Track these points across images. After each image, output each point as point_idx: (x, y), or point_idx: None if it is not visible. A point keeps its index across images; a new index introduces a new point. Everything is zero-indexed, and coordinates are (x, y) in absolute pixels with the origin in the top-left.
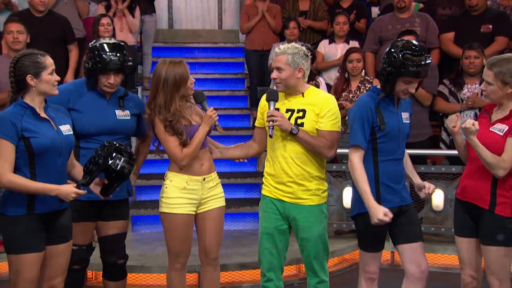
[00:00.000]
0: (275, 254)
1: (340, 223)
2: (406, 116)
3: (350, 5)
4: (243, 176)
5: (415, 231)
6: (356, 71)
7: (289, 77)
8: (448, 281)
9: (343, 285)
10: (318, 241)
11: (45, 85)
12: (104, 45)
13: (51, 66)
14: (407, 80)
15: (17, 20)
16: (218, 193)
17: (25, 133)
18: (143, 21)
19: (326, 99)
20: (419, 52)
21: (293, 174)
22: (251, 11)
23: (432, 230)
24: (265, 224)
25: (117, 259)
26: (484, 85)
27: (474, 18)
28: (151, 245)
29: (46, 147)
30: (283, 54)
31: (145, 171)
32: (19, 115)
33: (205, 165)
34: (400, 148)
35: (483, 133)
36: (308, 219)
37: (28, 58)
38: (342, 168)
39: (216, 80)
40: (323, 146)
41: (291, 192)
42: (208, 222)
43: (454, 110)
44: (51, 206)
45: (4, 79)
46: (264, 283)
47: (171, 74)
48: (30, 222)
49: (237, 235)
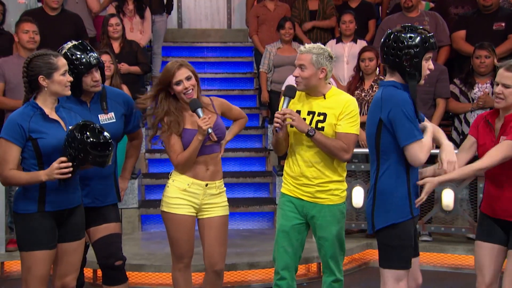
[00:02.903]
0: (291, 253)
1: (350, 222)
2: None
3: (358, 5)
4: (252, 176)
5: (416, 245)
6: (369, 70)
7: (311, 76)
8: (458, 281)
9: (352, 285)
10: (335, 240)
11: (57, 86)
12: (72, 48)
13: (64, 67)
14: (428, 57)
15: (32, 21)
16: (221, 202)
17: (33, 134)
18: (153, 21)
19: (347, 101)
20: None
21: (313, 177)
22: (260, 12)
23: (442, 230)
24: (282, 222)
25: (115, 261)
26: (500, 88)
27: (486, 16)
28: (160, 244)
29: (53, 148)
30: (307, 52)
31: (154, 170)
32: (28, 116)
33: (210, 171)
34: None
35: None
36: (326, 218)
37: (40, 58)
38: (351, 167)
39: (225, 79)
40: (339, 149)
41: (310, 192)
42: (210, 231)
43: (464, 110)
44: (62, 204)
45: (14, 80)
46: (277, 281)
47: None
48: (41, 219)
49: (246, 234)
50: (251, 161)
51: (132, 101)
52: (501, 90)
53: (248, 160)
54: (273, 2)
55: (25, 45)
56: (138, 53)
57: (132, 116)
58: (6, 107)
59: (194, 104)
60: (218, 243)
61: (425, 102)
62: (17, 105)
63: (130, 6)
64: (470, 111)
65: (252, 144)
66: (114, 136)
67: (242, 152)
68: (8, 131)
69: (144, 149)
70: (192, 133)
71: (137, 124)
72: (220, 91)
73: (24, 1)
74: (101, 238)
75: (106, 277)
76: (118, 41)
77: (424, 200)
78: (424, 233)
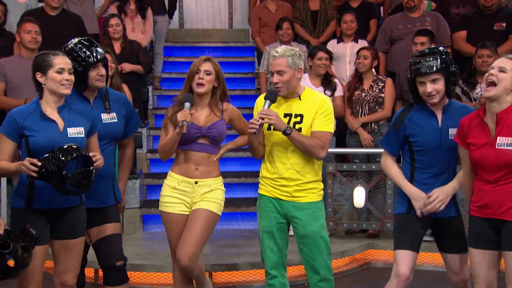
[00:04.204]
0: (277, 252)
1: (351, 222)
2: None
3: (359, 4)
4: (254, 176)
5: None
6: (362, 68)
7: (291, 79)
8: None
9: (353, 285)
10: (316, 237)
11: (51, 83)
12: (78, 43)
13: (59, 65)
14: (419, 81)
15: (34, 21)
16: (210, 197)
17: (26, 131)
18: (155, 21)
19: (322, 101)
20: (424, 51)
21: (291, 179)
22: (262, 13)
23: None
24: (265, 223)
25: (116, 261)
26: (495, 71)
27: (487, 16)
28: (162, 244)
29: (42, 147)
30: (282, 57)
31: (155, 170)
32: (26, 113)
33: (200, 170)
34: (439, 163)
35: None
36: (306, 216)
37: (40, 57)
38: (353, 167)
39: (226, 79)
40: (315, 146)
41: (288, 191)
42: (189, 221)
43: None
44: (52, 203)
45: (15, 80)
46: (269, 280)
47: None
48: (29, 216)
49: (248, 234)
50: (252, 161)
51: (131, 104)
52: (495, 72)
53: (249, 160)
54: (274, 3)
55: (27, 45)
56: (139, 53)
57: (131, 119)
58: (8, 107)
59: (186, 97)
60: (191, 235)
61: None
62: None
63: (132, 6)
64: None
65: None
66: (115, 136)
67: (244, 152)
68: (5, 125)
69: (146, 149)
70: (192, 126)
71: (134, 129)
72: None
73: (24, 1)
74: (101, 239)
75: (107, 277)
76: (119, 41)
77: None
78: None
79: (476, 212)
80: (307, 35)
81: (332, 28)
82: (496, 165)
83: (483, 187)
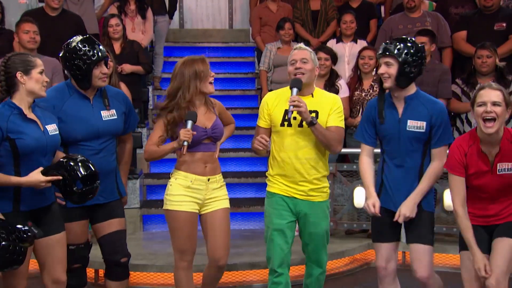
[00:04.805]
0: (285, 250)
1: (351, 222)
2: (415, 124)
3: (359, 5)
4: (254, 176)
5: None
6: (367, 68)
7: (312, 70)
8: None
9: (353, 285)
10: (324, 235)
11: (34, 84)
12: (81, 42)
13: (41, 66)
14: (379, 63)
15: (32, 21)
16: (222, 195)
17: (11, 135)
18: (155, 21)
19: (335, 98)
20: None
21: (307, 174)
22: (263, 13)
23: (444, 231)
24: (276, 221)
25: (121, 257)
26: (491, 107)
27: (488, 17)
28: (162, 244)
29: (31, 148)
30: (306, 50)
31: (155, 170)
32: (6, 116)
33: (209, 167)
34: (402, 155)
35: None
36: (318, 215)
37: (18, 56)
38: (353, 167)
39: (226, 79)
40: (335, 139)
41: (303, 190)
42: (214, 223)
43: (466, 110)
44: (36, 203)
45: None
46: (275, 278)
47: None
48: (16, 219)
49: (248, 234)
50: (253, 161)
51: (129, 100)
52: (491, 108)
53: (249, 160)
54: (275, 3)
55: (25, 45)
56: (139, 54)
57: (130, 116)
58: None
59: (191, 116)
60: (223, 235)
61: None
62: None
63: (132, 6)
64: None
65: None
66: (115, 133)
67: (244, 152)
68: None
69: None
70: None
71: (133, 125)
72: (221, 91)
73: (25, 1)
74: (106, 235)
75: (110, 272)
76: (119, 41)
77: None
78: None
79: (477, 222)
80: (307, 34)
81: (332, 29)
82: (497, 188)
83: (485, 201)
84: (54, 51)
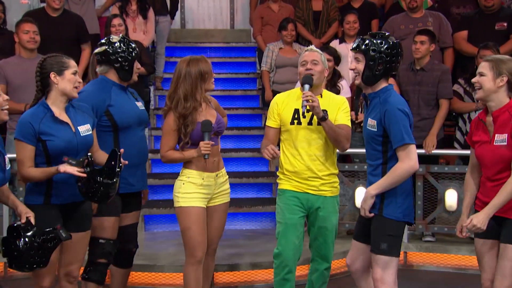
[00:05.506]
0: (297, 245)
1: (353, 223)
2: (370, 123)
3: (361, 5)
4: (255, 176)
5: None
6: None
7: (321, 72)
8: (461, 282)
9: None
10: (333, 229)
11: (67, 84)
12: (124, 38)
13: (75, 67)
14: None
15: (32, 21)
16: (226, 189)
17: (42, 136)
18: (157, 22)
19: (342, 98)
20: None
21: (317, 170)
22: (264, 13)
23: (445, 231)
24: (289, 216)
25: (133, 247)
26: (477, 78)
27: (488, 16)
28: (164, 244)
29: (61, 150)
30: (316, 51)
31: (158, 170)
32: (39, 118)
33: (216, 161)
34: (368, 155)
35: (489, 150)
36: (329, 209)
37: (53, 58)
38: (354, 167)
39: (228, 79)
40: (345, 136)
41: (315, 185)
42: (215, 216)
43: (469, 109)
44: (69, 198)
45: (16, 81)
46: (286, 275)
47: (195, 68)
48: (46, 211)
49: (249, 234)
50: (254, 161)
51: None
52: (477, 79)
53: (251, 160)
54: (277, 3)
55: (25, 45)
56: (141, 54)
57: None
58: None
59: (206, 126)
60: (220, 226)
61: (428, 103)
62: (19, 109)
63: (133, 6)
64: (475, 110)
65: (255, 144)
66: (147, 121)
67: (245, 152)
68: (21, 131)
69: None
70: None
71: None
72: (223, 91)
73: (27, 1)
74: (128, 225)
75: (119, 259)
76: None
77: None
78: (427, 234)
79: (480, 208)
80: (309, 35)
81: (334, 30)
82: (492, 161)
83: (486, 184)
84: (55, 51)
